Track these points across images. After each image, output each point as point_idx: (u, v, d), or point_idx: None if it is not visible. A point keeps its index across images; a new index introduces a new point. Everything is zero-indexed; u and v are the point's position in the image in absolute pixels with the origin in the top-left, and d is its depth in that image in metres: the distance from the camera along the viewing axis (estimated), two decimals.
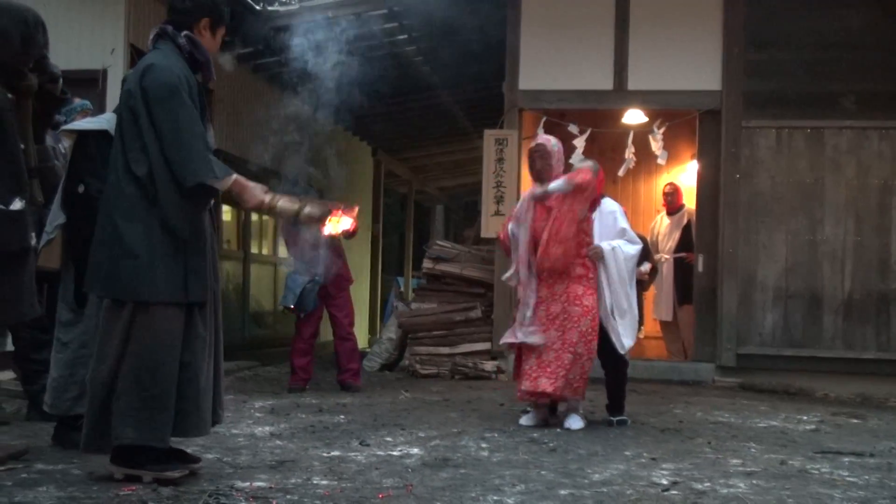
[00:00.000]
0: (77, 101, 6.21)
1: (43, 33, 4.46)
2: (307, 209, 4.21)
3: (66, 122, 6.18)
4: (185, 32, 4.07)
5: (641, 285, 8.59)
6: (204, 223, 4.08)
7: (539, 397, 5.98)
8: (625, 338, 6.08)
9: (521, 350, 6.08)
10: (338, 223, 4.40)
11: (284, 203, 4.17)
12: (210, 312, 4.08)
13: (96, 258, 4.01)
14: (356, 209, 4.68)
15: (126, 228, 3.88)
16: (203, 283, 3.99)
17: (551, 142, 6.15)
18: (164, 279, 3.87)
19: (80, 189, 4.72)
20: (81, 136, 4.90)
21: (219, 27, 4.19)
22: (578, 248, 5.98)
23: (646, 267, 8.45)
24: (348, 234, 8.12)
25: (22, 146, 4.37)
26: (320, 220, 4.33)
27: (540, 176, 6.07)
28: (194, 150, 3.88)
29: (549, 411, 6.25)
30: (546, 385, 5.83)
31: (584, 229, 6.02)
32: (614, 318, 6.05)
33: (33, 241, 4.40)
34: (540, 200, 5.99)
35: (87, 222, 4.84)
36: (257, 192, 4.10)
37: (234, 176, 4.03)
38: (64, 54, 8.21)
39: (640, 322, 7.15)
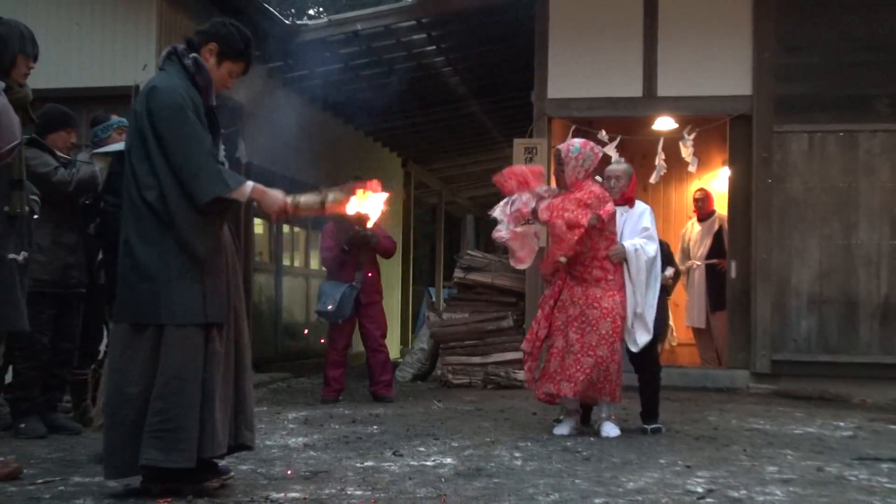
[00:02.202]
0: (114, 117, 6.30)
1: (21, 41, 4.44)
2: (331, 196, 4.15)
3: (103, 139, 6.30)
4: (192, 55, 4.08)
5: (665, 290, 8.55)
6: (222, 240, 4.09)
7: (554, 400, 5.97)
8: (639, 336, 6.04)
9: (540, 352, 6.05)
10: (366, 200, 4.28)
11: (307, 198, 4.14)
12: (230, 329, 4.07)
13: (115, 284, 4.04)
14: (376, 183, 4.40)
15: (141, 252, 3.89)
16: (221, 302, 3.99)
17: (570, 148, 6.04)
18: (182, 301, 3.87)
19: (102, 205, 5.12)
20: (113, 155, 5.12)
21: (226, 59, 4.12)
22: (596, 250, 5.97)
23: (669, 272, 8.41)
24: (387, 254, 8.21)
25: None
26: (346, 200, 4.22)
27: (558, 180, 6.10)
28: (203, 167, 3.87)
29: (582, 420, 6.24)
30: (567, 389, 5.84)
31: (604, 234, 5.99)
32: (634, 316, 6.03)
33: (15, 255, 4.39)
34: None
35: (100, 237, 5.42)
36: (278, 195, 4.08)
37: (251, 184, 4.02)
38: (98, 71, 8.40)
39: (662, 329, 7.09)
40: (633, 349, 6.07)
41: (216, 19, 4.20)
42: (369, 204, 4.23)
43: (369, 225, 4.32)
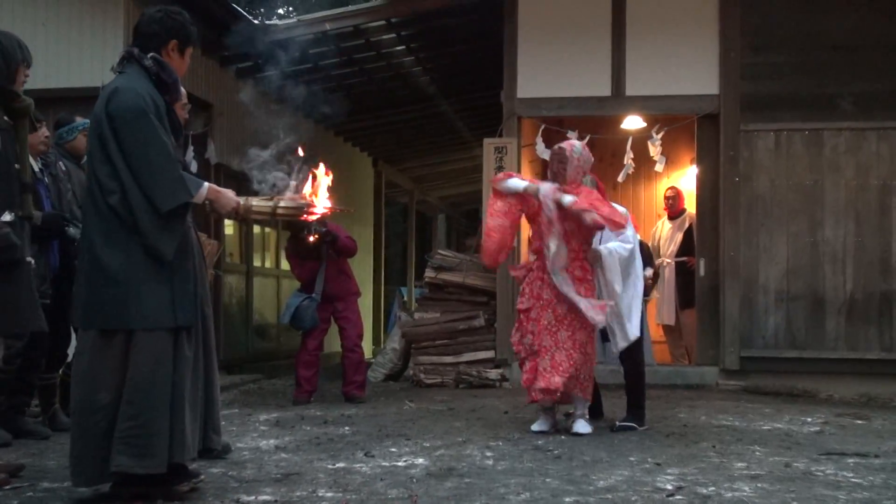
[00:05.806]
0: (78, 119, 6.22)
1: (21, 51, 4.45)
2: (282, 204, 4.25)
3: (69, 141, 6.23)
4: (151, 54, 4.03)
5: (644, 291, 8.61)
6: (190, 243, 4.07)
7: (554, 395, 5.98)
8: (620, 339, 6.14)
9: (532, 352, 6.10)
10: (316, 206, 4.39)
11: (259, 203, 4.22)
12: (198, 332, 4.05)
13: (79, 289, 3.99)
14: (329, 198, 4.63)
15: (106, 256, 3.84)
16: (191, 305, 3.96)
17: (573, 148, 6.16)
18: (151, 305, 3.83)
19: None
20: None
21: (187, 48, 4.17)
22: (577, 251, 6.04)
23: (648, 272, 8.47)
24: (349, 253, 8.19)
25: (17, 165, 4.40)
26: (297, 212, 4.33)
27: (555, 177, 6.12)
28: (166, 174, 3.84)
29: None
30: (559, 383, 5.90)
31: (587, 236, 6.09)
32: (612, 319, 6.09)
33: (27, 257, 4.40)
34: (557, 204, 5.98)
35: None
36: (231, 196, 4.12)
37: (207, 185, 4.03)
38: (65, 72, 8.32)
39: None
40: (615, 350, 6.20)
41: (154, 14, 4.11)
42: (319, 206, 4.35)
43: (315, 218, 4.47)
